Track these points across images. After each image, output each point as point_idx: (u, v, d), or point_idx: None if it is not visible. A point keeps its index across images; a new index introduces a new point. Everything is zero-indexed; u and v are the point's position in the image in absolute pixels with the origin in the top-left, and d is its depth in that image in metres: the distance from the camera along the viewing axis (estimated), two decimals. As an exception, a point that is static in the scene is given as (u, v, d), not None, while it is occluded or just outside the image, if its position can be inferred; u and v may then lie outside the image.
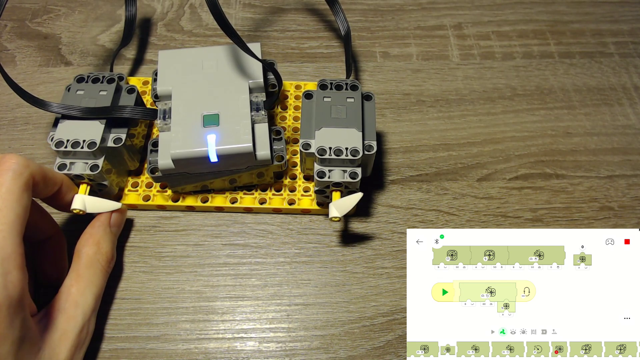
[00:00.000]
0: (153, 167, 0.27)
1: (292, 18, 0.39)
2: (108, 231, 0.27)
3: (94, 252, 0.26)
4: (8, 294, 0.19)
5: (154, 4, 0.40)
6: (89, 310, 0.24)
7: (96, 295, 0.25)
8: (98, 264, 0.26)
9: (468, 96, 0.35)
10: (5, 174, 0.21)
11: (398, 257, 0.29)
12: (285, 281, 0.28)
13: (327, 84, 0.29)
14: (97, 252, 0.26)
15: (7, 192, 0.21)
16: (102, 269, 0.26)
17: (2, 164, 0.22)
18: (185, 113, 0.27)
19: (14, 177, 0.21)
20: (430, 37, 0.38)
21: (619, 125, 0.34)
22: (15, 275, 0.20)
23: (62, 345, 0.23)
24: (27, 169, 0.22)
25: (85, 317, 0.24)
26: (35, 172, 0.23)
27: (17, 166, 0.22)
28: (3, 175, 0.21)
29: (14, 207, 0.21)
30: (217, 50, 0.30)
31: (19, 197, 0.21)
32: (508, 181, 0.32)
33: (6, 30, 0.38)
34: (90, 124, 0.27)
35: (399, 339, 0.27)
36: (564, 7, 0.40)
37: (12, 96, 0.31)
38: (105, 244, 0.26)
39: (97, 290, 0.25)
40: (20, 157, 0.22)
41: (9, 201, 0.21)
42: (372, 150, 0.27)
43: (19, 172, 0.22)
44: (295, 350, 0.26)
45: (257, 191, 0.30)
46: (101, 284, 0.26)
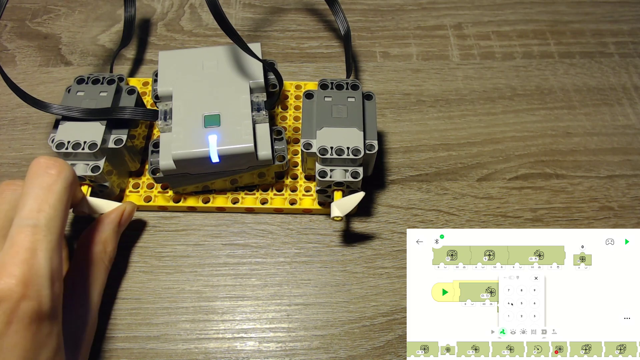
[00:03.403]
0: (154, 167, 0.27)
1: (292, 18, 0.39)
2: (116, 231, 0.27)
3: (100, 251, 0.26)
4: (53, 305, 0.20)
5: (154, 4, 0.40)
6: (95, 308, 0.25)
7: (100, 293, 0.25)
8: (103, 263, 0.26)
9: (468, 96, 0.35)
10: (58, 183, 0.21)
11: (398, 257, 0.29)
12: (285, 281, 0.28)
13: (328, 84, 0.29)
14: (103, 251, 0.26)
15: (58, 201, 0.21)
16: (106, 268, 0.26)
17: (52, 168, 0.21)
18: (186, 113, 0.27)
19: (65, 186, 0.21)
20: (430, 37, 0.38)
21: (619, 125, 0.34)
22: (58, 286, 0.20)
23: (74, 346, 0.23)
24: (75, 180, 0.22)
25: (92, 316, 0.24)
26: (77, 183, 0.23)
27: (69, 175, 0.22)
28: (55, 183, 0.21)
29: (62, 217, 0.21)
30: (218, 50, 0.30)
31: (66, 207, 0.21)
32: (508, 181, 0.32)
33: (6, 30, 0.38)
34: (91, 125, 0.27)
35: (399, 339, 0.27)
36: (564, 7, 0.40)
37: (12, 96, 0.31)
38: (111, 244, 0.26)
39: (101, 287, 0.26)
40: (69, 165, 0.22)
41: (58, 211, 0.21)
42: (374, 150, 0.27)
43: (70, 182, 0.22)
44: (295, 350, 0.26)
45: (258, 191, 0.30)
46: (104, 282, 0.26)
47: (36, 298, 0.19)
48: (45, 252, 0.19)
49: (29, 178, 0.21)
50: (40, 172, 0.21)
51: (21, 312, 0.19)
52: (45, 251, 0.19)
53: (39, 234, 0.20)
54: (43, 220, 0.20)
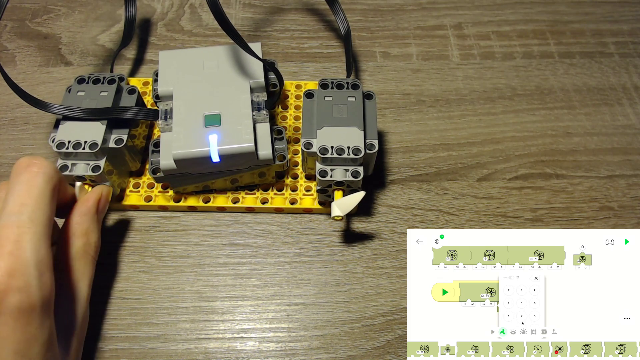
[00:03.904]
0: (155, 167, 0.27)
1: (292, 18, 0.39)
2: (95, 219, 0.26)
3: (83, 244, 0.25)
4: (43, 294, 0.19)
5: (154, 4, 0.40)
6: (84, 302, 0.24)
7: (89, 285, 0.25)
8: (88, 255, 0.25)
9: (468, 96, 0.35)
10: (38, 177, 0.21)
11: (398, 257, 0.29)
12: (285, 281, 0.28)
13: (328, 83, 0.29)
14: (86, 243, 0.25)
15: (40, 194, 0.21)
16: (92, 259, 0.25)
17: (33, 165, 0.22)
18: (186, 113, 0.27)
19: (46, 180, 0.22)
20: (430, 37, 0.38)
21: (619, 125, 0.34)
22: (47, 277, 0.20)
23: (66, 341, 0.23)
24: (56, 174, 0.22)
25: (82, 309, 0.24)
26: (61, 178, 0.23)
27: (49, 169, 0.22)
28: (36, 177, 0.21)
29: (46, 210, 0.21)
30: (218, 50, 0.30)
31: (50, 200, 0.21)
32: (508, 181, 0.32)
33: (6, 30, 0.38)
34: (92, 125, 0.27)
35: (399, 339, 0.27)
36: (564, 7, 0.40)
37: (12, 96, 0.31)
38: (94, 234, 0.25)
39: (89, 280, 0.25)
40: (49, 161, 0.22)
41: (41, 203, 0.21)
42: (374, 149, 0.27)
43: (50, 175, 0.22)
44: (295, 350, 0.26)
45: (258, 191, 0.30)
46: (92, 274, 0.25)
47: (24, 289, 0.19)
48: (31, 243, 0.19)
49: (11, 178, 0.22)
50: (20, 170, 0.22)
51: (9, 304, 0.18)
52: (30, 242, 0.19)
53: (23, 226, 0.20)
54: (26, 214, 0.20)
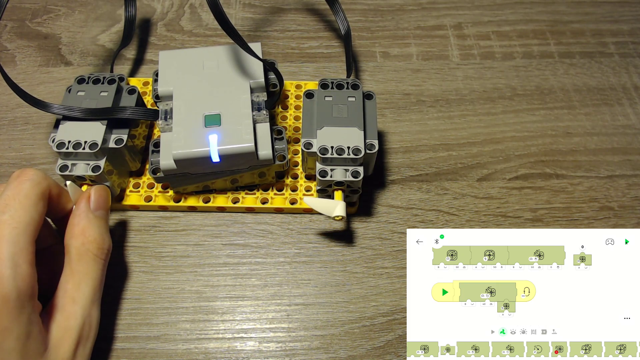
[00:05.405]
0: (155, 167, 0.27)
1: (292, 18, 0.39)
2: (91, 217, 0.25)
3: (81, 243, 0.24)
4: (17, 285, 0.20)
5: (154, 4, 0.40)
6: (87, 304, 0.24)
7: (93, 286, 0.24)
8: (89, 253, 0.24)
9: (468, 96, 0.35)
10: (25, 183, 0.23)
11: (398, 257, 0.29)
12: (285, 281, 0.28)
13: (328, 83, 0.29)
14: (85, 242, 0.24)
15: (25, 197, 0.22)
16: (95, 258, 0.25)
17: (22, 175, 0.23)
18: (186, 113, 0.27)
19: (32, 185, 0.23)
20: (430, 37, 0.38)
21: (619, 125, 0.34)
22: (25, 269, 0.20)
23: (65, 344, 0.22)
24: (45, 180, 0.24)
25: (84, 311, 0.23)
26: (52, 186, 0.24)
27: (36, 177, 0.23)
28: (23, 183, 0.23)
29: (30, 210, 0.22)
30: (218, 50, 0.30)
31: (35, 203, 0.22)
32: (508, 181, 0.32)
33: (6, 30, 0.38)
34: (92, 125, 0.27)
35: (399, 339, 0.27)
36: (564, 7, 0.40)
37: (12, 96, 0.31)
38: (91, 232, 0.25)
39: (93, 281, 0.24)
40: (40, 171, 0.24)
41: (25, 205, 0.22)
42: (374, 149, 0.27)
43: (37, 182, 0.23)
44: (295, 350, 0.26)
45: (258, 191, 0.30)
46: (97, 274, 0.25)
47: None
48: (8, 236, 0.21)
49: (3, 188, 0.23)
50: (11, 180, 0.23)
51: None
52: (8, 236, 0.21)
53: (3, 224, 0.21)
54: (8, 213, 0.21)
